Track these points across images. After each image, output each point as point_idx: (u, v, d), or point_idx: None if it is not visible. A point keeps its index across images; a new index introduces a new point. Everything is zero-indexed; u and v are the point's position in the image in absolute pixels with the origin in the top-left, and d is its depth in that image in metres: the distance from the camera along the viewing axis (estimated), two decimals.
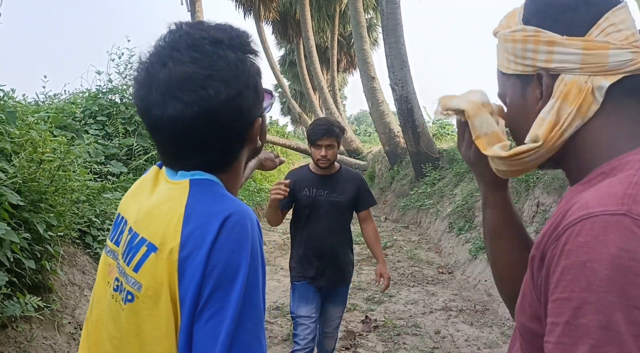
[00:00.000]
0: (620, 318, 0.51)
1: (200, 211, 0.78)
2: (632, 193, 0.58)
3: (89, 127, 5.54)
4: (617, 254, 0.53)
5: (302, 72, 20.36)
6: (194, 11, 13.51)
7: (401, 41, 8.95)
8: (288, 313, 4.44)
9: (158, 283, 0.76)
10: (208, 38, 0.79)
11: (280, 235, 7.87)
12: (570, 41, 0.68)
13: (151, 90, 0.78)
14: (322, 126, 2.60)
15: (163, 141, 0.82)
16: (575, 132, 0.71)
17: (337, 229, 2.70)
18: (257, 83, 0.84)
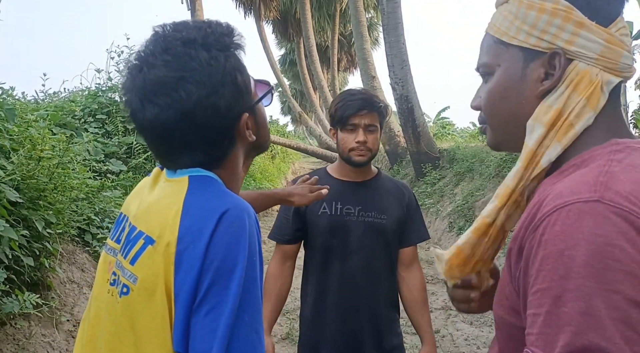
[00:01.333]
0: (599, 303, 0.52)
1: (198, 206, 0.79)
2: (603, 180, 0.58)
3: (89, 125, 5.53)
4: (592, 240, 0.53)
5: (302, 71, 20.35)
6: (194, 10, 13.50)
7: (401, 40, 8.93)
8: (287, 312, 4.43)
9: (154, 276, 0.76)
10: (180, 39, 0.80)
11: None
12: (597, 29, 0.66)
13: (132, 96, 0.81)
14: (358, 95, 1.64)
15: (151, 143, 0.85)
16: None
17: (378, 271, 1.66)
18: (235, 78, 0.83)
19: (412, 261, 1.74)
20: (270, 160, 13.89)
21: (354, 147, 1.61)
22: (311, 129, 20.01)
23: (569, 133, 0.67)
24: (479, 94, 0.80)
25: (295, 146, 14.16)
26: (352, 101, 1.63)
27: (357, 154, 1.62)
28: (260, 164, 11.84)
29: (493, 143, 0.80)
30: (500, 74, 0.74)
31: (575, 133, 0.67)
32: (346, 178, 1.70)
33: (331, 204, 1.66)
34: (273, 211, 10.09)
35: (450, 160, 9.03)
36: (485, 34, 0.78)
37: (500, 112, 0.75)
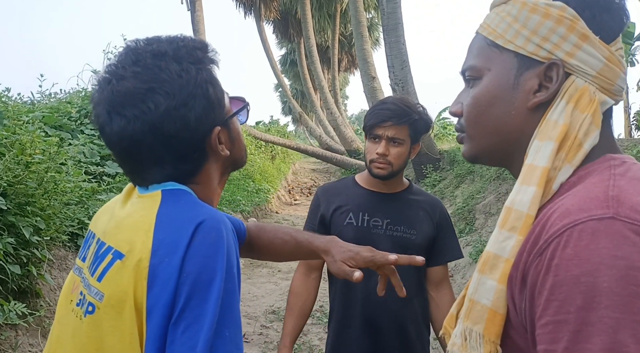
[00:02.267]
0: (627, 337, 0.46)
1: (172, 218, 0.76)
2: (614, 194, 0.53)
3: (85, 127, 5.47)
4: (612, 263, 0.48)
5: (303, 71, 20.28)
6: (194, 10, 13.44)
7: (402, 41, 8.87)
8: (284, 318, 4.36)
9: (122, 292, 0.72)
10: (150, 51, 0.79)
11: None
12: (600, 44, 0.62)
13: (100, 108, 0.79)
14: (388, 105, 1.53)
15: (119, 158, 0.83)
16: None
17: (406, 287, 1.54)
18: (207, 91, 0.81)
19: (442, 280, 1.63)
20: (270, 160, 13.83)
21: (373, 158, 1.54)
22: (311, 129, 19.95)
23: (578, 153, 0.62)
24: (459, 100, 0.73)
25: (296, 146, 14.09)
26: (380, 110, 1.54)
27: (376, 166, 1.54)
28: (260, 164, 11.78)
29: (471, 154, 0.73)
30: (490, 80, 0.68)
31: (584, 153, 0.61)
32: (375, 189, 1.61)
33: (358, 215, 1.57)
34: (272, 213, 10.04)
35: (450, 162, 8.96)
36: (476, 34, 0.72)
37: (486, 121, 0.69)
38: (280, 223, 9.13)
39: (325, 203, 1.64)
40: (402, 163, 1.55)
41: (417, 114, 1.54)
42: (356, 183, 1.65)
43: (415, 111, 1.54)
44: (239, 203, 8.17)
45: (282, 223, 9.22)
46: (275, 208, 10.61)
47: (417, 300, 1.59)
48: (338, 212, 1.60)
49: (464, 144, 0.74)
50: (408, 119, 1.52)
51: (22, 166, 2.54)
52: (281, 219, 9.61)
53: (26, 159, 2.56)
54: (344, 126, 15.44)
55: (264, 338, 3.91)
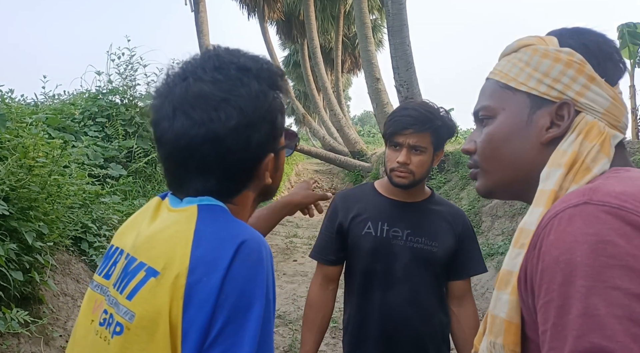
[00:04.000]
0: (598, 302, 0.50)
1: (212, 235, 0.72)
2: (592, 186, 0.59)
3: (88, 128, 5.44)
4: (584, 239, 0.53)
5: (306, 73, 20.24)
6: (198, 11, 13.43)
7: (407, 42, 8.81)
8: (290, 322, 4.31)
9: (155, 312, 0.67)
10: (236, 63, 0.77)
11: (282, 239, 7.74)
12: (606, 85, 0.69)
13: (165, 102, 0.76)
14: (409, 111, 1.46)
15: (167, 156, 0.79)
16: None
17: (425, 304, 1.49)
18: (275, 119, 0.80)
19: (464, 295, 1.56)
20: None
21: (394, 167, 1.47)
22: (315, 130, 19.90)
23: (586, 176, 0.66)
24: (473, 138, 0.80)
25: (299, 147, 14.01)
26: (400, 117, 1.46)
27: (397, 175, 1.47)
28: None
29: (486, 188, 0.79)
30: (505, 118, 0.75)
31: (593, 176, 0.66)
32: (395, 197, 1.54)
33: (377, 225, 1.50)
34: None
35: (455, 163, 8.89)
36: (488, 80, 0.79)
37: (501, 156, 0.75)
38: (284, 225, 9.08)
39: (344, 210, 1.56)
40: (424, 172, 1.48)
41: (439, 120, 1.46)
42: (375, 191, 1.59)
43: (438, 117, 1.47)
44: None
45: (286, 225, 9.17)
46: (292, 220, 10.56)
47: (437, 316, 1.52)
48: (356, 220, 1.53)
49: (478, 180, 0.79)
50: (430, 126, 1.44)
51: (25, 169, 2.49)
52: (285, 221, 9.56)
53: (29, 162, 2.50)
54: (348, 128, 15.39)
55: None
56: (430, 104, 1.52)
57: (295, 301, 4.81)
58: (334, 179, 16.63)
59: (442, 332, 1.55)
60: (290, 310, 4.55)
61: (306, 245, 7.44)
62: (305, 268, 6.12)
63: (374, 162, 13.48)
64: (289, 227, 8.97)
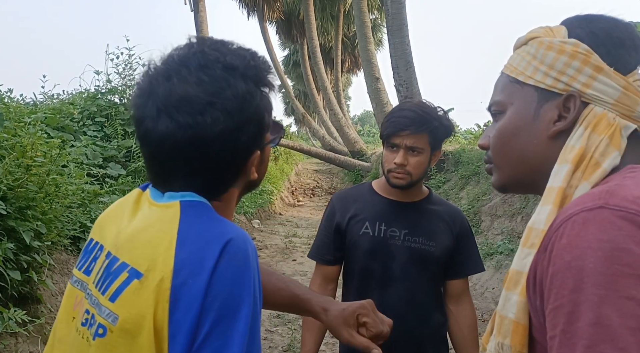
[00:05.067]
0: (611, 312, 0.48)
1: (196, 234, 0.70)
2: (609, 189, 0.57)
3: (87, 128, 5.44)
4: (598, 246, 0.51)
5: (306, 72, 20.24)
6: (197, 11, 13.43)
7: (406, 41, 8.81)
8: (289, 322, 4.30)
9: (140, 315, 0.66)
10: (222, 62, 0.74)
11: (282, 238, 7.74)
12: (615, 75, 0.66)
13: (148, 101, 0.73)
14: (406, 112, 1.45)
15: (150, 156, 0.76)
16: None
17: (423, 304, 1.49)
18: (262, 118, 0.78)
19: (462, 294, 1.56)
20: (274, 162, 13.78)
21: (391, 168, 1.46)
22: (314, 130, 19.90)
23: (596, 171, 0.65)
24: (487, 133, 0.79)
25: (299, 147, 14.04)
26: (397, 118, 1.46)
27: (394, 176, 1.46)
28: None
29: (500, 184, 0.78)
30: (513, 112, 0.74)
31: (603, 171, 0.65)
32: (393, 197, 1.53)
33: (374, 224, 1.50)
34: (275, 214, 9.99)
35: (455, 163, 8.89)
36: (501, 74, 0.79)
37: (510, 151, 0.75)
38: (284, 225, 9.08)
39: (341, 210, 1.56)
40: (421, 172, 1.47)
41: (436, 121, 1.46)
42: (373, 191, 1.58)
43: (435, 117, 1.46)
44: (242, 205, 8.11)
45: (285, 224, 9.17)
46: (278, 210, 10.56)
47: (435, 315, 1.53)
48: (354, 221, 1.52)
49: (493, 175, 0.79)
50: (427, 127, 1.44)
51: (23, 169, 2.49)
52: (285, 221, 9.56)
53: (27, 162, 2.50)
54: (347, 127, 15.38)
55: (268, 343, 3.85)
56: (427, 104, 1.51)
57: None
58: (334, 179, 16.64)
59: (439, 331, 1.55)
60: None
61: (305, 244, 7.44)
62: (304, 267, 6.12)
63: (373, 162, 13.49)
64: (289, 226, 8.97)
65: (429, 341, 1.52)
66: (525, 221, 5.79)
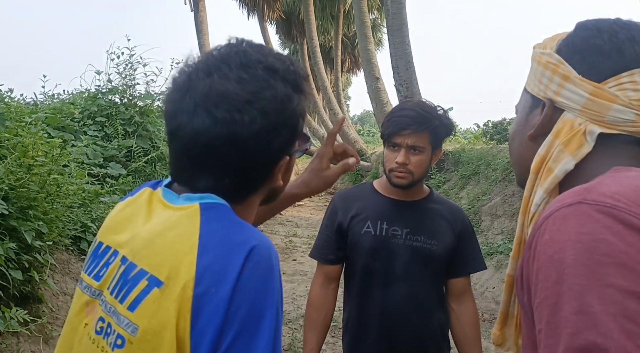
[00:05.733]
0: (592, 299, 0.50)
1: (218, 240, 0.67)
2: (587, 186, 0.60)
3: (88, 128, 5.43)
4: (577, 238, 0.54)
5: None
6: (197, 11, 13.43)
7: (406, 41, 8.81)
8: (289, 321, 4.31)
9: (160, 325, 0.64)
10: (264, 63, 0.74)
11: (282, 238, 7.75)
12: (582, 82, 0.68)
13: (186, 96, 0.72)
14: (407, 111, 1.46)
15: (180, 151, 0.74)
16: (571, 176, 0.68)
17: (425, 302, 1.50)
18: (297, 124, 0.78)
19: (464, 292, 1.57)
20: None
21: (393, 167, 1.47)
22: (314, 130, 19.90)
23: (548, 177, 0.69)
24: None
25: None
26: (398, 117, 1.47)
27: (395, 175, 1.47)
28: None
29: (516, 181, 0.85)
30: (516, 117, 0.81)
31: (555, 177, 0.68)
32: (394, 196, 1.54)
33: (376, 224, 1.50)
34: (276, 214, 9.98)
35: (455, 163, 8.89)
36: None
37: (511, 152, 0.83)
38: (284, 224, 9.08)
39: (343, 210, 1.56)
40: (423, 172, 1.49)
41: (437, 120, 1.47)
42: (374, 190, 1.59)
43: (436, 116, 1.47)
44: None
45: (286, 224, 9.17)
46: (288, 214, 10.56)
47: (437, 314, 1.53)
48: (355, 220, 1.53)
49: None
50: (428, 126, 1.45)
51: (24, 168, 2.49)
52: (285, 221, 9.56)
53: (28, 161, 2.50)
54: (347, 127, 15.39)
55: None
56: (427, 104, 1.52)
57: (295, 300, 4.82)
58: None
59: (441, 329, 1.55)
60: (289, 309, 4.56)
61: (306, 244, 7.44)
62: (304, 267, 6.13)
63: (373, 161, 13.49)
64: (289, 226, 8.97)
65: (431, 339, 1.52)
66: None
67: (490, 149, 8.36)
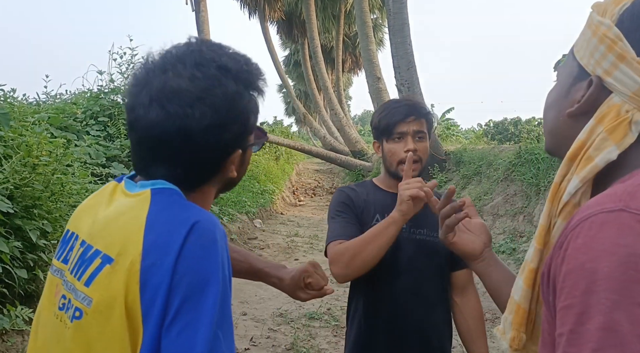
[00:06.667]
0: (622, 318, 0.48)
1: (164, 219, 0.75)
2: (631, 190, 0.55)
3: (90, 128, 5.45)
4: (614, 250, 0.51)
5: (307, 72, 20.27)
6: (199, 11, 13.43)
7: (408, 41, 8.81)
8: (292, 321, 4.31)
9: (111, 297, 0.71)
10: (217, 62, 0.79)
11: (284, 238, 7.76)
12: (639, 66, 0.61)
13: (143, 90, 0.78)
14: (403, 102, 1.53)
15: (137, 142, 0.82)
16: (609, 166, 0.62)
17: (428, 295, 1.50)
18: (248, 120, 0.84)
19: (466, 285, 1.55)
20: (275, 161, 13.80)
21: (402, 159, 1.45)
22: (315, 130, 19.92)
23: (587, 166, 0.64)
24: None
25: (300, 147, 14.06)
26: (397, 107, 1.51)
27: (408, 165, 1.40)
28: (264, 165, 11.74)
29: (546, 149, 0.79)
30: (557, 84, 0.73)
31: (594, 166, 0.63)
32: (393, 189, 1.51)
33: (384, 216, 1.47)
34: (277, 214, 9.99)
35: (457, 162, 8.89)
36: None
37: (545, 122, 0.76)
38: (285, 224, 9.09)
39: (355, 199, 1.54)
40: (427, 159, 1.52)
41: (427, 109, 1.56)
42: (376, 186, 1.60)
43: (425, 106, 1.57)
44: (245, 204, 8.13)
45: (287, 224, 9.18)
46: (280, 209, 10.57)
47: (440, 307, 1.54)
48: (364, 213, 1.53)
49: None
50: (425, 113, 1.53)
51: (29, 168, 2.50)
52: (286, 221, 9.57)
53: (33, 161, 2.52)
54: (348, 127, 15.40)
55: (271, 342, 3.86)
56: (414, 96, 1.62)
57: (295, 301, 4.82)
58: (335, 178, 16.65)
59: (444, 322, 1.55)
60: (291, 308, 4.56)
61: (307, 243, 7.45)
62: None
63: (374, 161, 13.50)
64: (290, 226, 8.98)
65: (434, 331, 1.52)
66: (527, 220, 5.80)
67: (492, 149, 8.37)
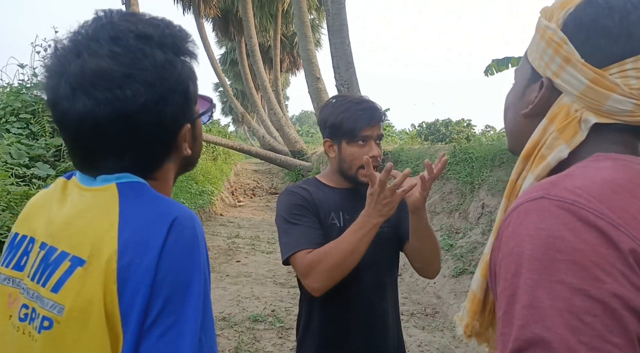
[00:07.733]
0: (542, 295, 0.52)
1: (138, 214, 0.69)
2: (553, 180, 0.60)
3: (11, 125, 5.03)
4: (535, 234, 0.55)
5: (244, 71, 19.96)
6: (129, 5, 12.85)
7: (347, 42, 8.92)
8: (235, 324, 4.20)
9: (87, 302, 0.65)
10: (135, 31, 0.70)
11: (224, 240, 7.57)
12: (583, 67, 0.64)
13: (60, 81, 0.69)
14: (365, 104, 1.45)
15: (72, 138, 0.73)
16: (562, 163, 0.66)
17: (384, 285, 1.49)
18: (187, 88, 0.76)
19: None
20: (212, 162, 13.46)
21: (363, 163, 1.35)
22: (254, 129, 19.67)
23: (541, 164, 0.68)
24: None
25: (238, 147, 13.82)
26: (361, 110, 1.42)
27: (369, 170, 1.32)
28: (202, 166, 11.42)
29: (508, 148, 0.82)
30: (513, 85, 0.77)
31: (547, 164, 0.67)
32: (343, 186, 1.51)
33: (339, 215, 1.46)
34: (216, 215, 9.75)
35: (394, 162, 9.09)
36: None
37: (505, 123, 0.80)
38: (225, 226, 8.89)
39: (310, 200, 1.46)
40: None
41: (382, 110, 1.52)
42: (323, 184, 1.53)
43: (381, 107, 1.51)
44: None
45: (227, 225, 8.98)
46: (219, 210, 10.32)
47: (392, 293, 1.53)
48: (321, 213, 1.45)
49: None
50: (384, 115, 1.48)
51: None
52: (226, 222, 9.36)
53: None
54: (287, 127, 15.34)
55: None
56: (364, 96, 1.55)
57: (240, 302, 4.70)
58: (274, 178, 16.53)
59: (395, 304, 1.54)
60: (235, 311, 4.45)
61: (249, 245, 7.32)
62: (249, 269, 6.02)
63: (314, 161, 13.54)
64: (230, 227, 8.79)
65: (391, 315, 1.51)
66: (462, 217, 6.03)
67: (427, 148, 8.63)
